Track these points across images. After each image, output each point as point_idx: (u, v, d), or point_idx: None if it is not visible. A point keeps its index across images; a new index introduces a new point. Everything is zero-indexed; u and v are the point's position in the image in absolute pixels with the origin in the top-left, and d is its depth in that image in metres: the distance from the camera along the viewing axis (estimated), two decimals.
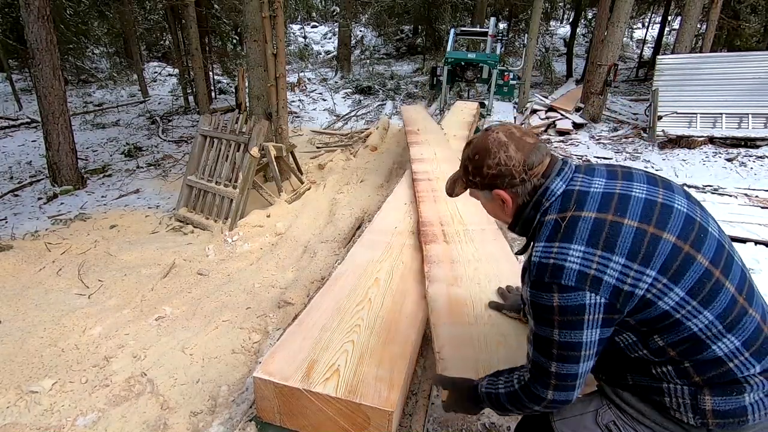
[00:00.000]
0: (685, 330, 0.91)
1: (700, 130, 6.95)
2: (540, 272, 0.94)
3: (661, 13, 14.79)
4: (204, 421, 2.03)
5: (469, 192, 1.18)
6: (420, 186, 3.19)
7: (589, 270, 0.90)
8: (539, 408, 1.05)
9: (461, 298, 1.81)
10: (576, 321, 0.92)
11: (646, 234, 0.90)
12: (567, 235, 0.94)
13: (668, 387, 0.98)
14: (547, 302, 0.94)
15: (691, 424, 0.96)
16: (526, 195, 1.05)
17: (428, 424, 1.66)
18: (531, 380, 1.04)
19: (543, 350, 0.99)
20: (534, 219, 1.05)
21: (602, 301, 0.90)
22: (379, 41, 18.34)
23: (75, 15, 10.67)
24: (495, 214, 1.17)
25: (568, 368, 0.97)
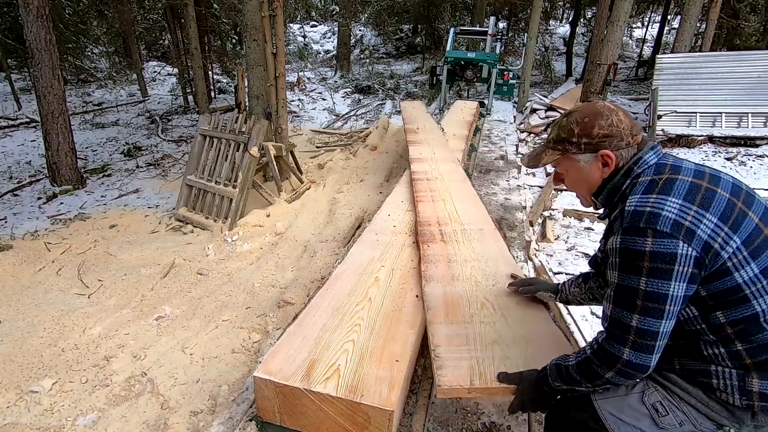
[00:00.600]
0: (749, 309, 0.95)
1: (700, 129, 6.95)
2: (635, 218, 0.97)
3: (660, 12, 14.79)
4: (204, 421, 2.03)
5: (560, 161, 1.18)
6: (418, 186, 3.19)
7: (684, 221, 0.93)
8: (610, 374, 1.03)
9: (458, 297, 1.81)
10: (666, 270, 0.93)
11: (736, 206, 0.97)
12: (665, 189, 0.99)
13: (716, 369, 1.01)
14: (639, 247, 0.95)
15: (737, 406, 0.99)
16: (625, 159, 1.10)
17: (428, 424, 1.66)
18: (607, 338, 1.03)
19: (625, 302, 0.99)
20: (622, 185, 1.09)
21: (693, 253, 0.92)
22: (379, 40, 18.33)
23: (74, 14, 10.66)
24: (583, 181, 1.17)
25: (650, 323, 0.96)
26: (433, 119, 5.71)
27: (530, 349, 1.47)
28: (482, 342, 1.52)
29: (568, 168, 1.19)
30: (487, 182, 4.37)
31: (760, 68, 6.93)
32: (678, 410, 1.06)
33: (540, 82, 13.25)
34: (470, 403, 1.89)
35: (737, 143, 6.59)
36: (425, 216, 2.65)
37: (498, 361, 1.42)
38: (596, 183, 1.15)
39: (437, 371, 1.38)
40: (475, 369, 1.39)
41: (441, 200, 2.91)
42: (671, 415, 1.06)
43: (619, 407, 1.11)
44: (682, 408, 1.06)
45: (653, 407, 1.08)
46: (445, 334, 1.57)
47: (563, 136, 1.14)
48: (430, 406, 1.70)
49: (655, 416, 1.07)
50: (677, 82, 7.30)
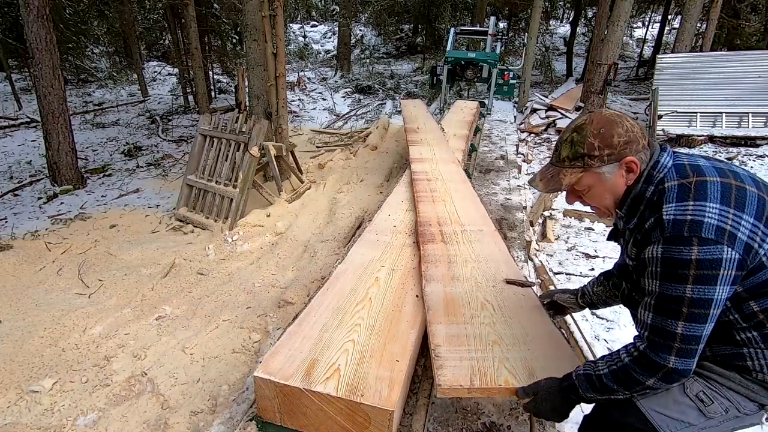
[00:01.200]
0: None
1: (700, 129, 6.94)
2: (677, 227, 0.96)
3: (661, 12, 14.79)
4: (204, 421, 2.03)
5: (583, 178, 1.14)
6: (419, 186, 3.19)
7: (725, 225, 0.94)
8: (651, 381, 1.02)
9: (458, 297, 1.81)
10: (712, 276, 0.94)
11: (765, 201, 1.00)
12: (700, 194, 0.99)
13: (749, 351, 1.03)
14: (685, 256, 0.95)
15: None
16: (644, 163, 1.09)
17: (429, 424, 1.66)
18: (649, 347, 1.02)
19: (670, 311, 0.98)
20: (645, 192, 1.08)
21: (737, 256, 0.94)
22: (379, 40, 18.33)
23: (74, 14, 10.66)
24: (608, 193, 1.14)
25: (696, 329, 0.97)
26: (434, 119, 5.71)
27: (530, 351, 1.48)
28: (482, 342, 1.52)
29: (591, 184, 1.14)
30: (487, 182, 4.37)
31: (760, 68, 6.93)
32: (721, 397, 1.07)
33: (540, 82, 13.25)
34: (470, 403, 1.89)
35: (737, 143, 6.59)
36: (426, 216, 2.65)
37: (498, 362, 1.42)
38: (621, 192, 1.13)
39: (437, 371, 1.38)
40: (475, 369, 1.39)
41: (441, 201, 2.91)
42: (716, 403, 1.07)
43: (663, 403, 1.10)
44: (724, 394, 1.07)
45: (697, 397, 1.08)
46: (446, 334, 1.57)
47: (582, 152, 1.10)
48: (430, 406, 1.70)
49: (701, 406, 1.07)
50: (678, 82, 7.29)
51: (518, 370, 1.38)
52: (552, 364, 1.40)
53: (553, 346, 1.49)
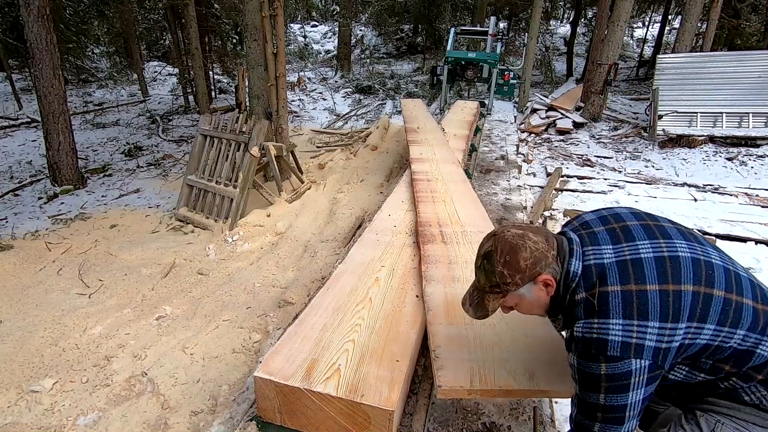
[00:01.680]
0: (727, 350, 1.01)
1: (701, 129, 6.94)
2: (585, 346, 1.02)
3: (661, 12, 14.78)
4: (205, 421, 2.03)
5: (506, 300, 1.17)
6: (419, 186, 3.19)
7: (630, 339, 0.97)
8: None
9: (458, 298, 1.81)
10: (622, 385, 0.99)
11: (669, 294, 0.99)
12: (603, 310, 1.01)
13: (742, 388, 1.06)
14: (594, 371, 1.01)
15: None
16: (557, 273, 1.10)
17: (429, 424, 1.66)
18: None
19: (587, 413, 1.06)
20: (565, 300, 1.11)
21: (646, 363, 0.97)
22: (379, 40, 18.32)
23: (75, 14, 10.67)
24: (537, 308, 1.17)
25: (612, 429, 1.04)
26: (434, 119, 5.71)
27: (530, 353, 1.48)
28: (483, 344, 1.52)
29: (516, 302, 1.17)
30: (487, 182, 4.37)
31: (760, 68, 6.93)
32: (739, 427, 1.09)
33: (540, 82, 13.24)
34: (470, 403, 1.89)
35: (738, 143, 6.58)
36: (426, 216, 2.65)
37: (498, 364, 1.42)
38: (547, 303, 1.15)
39: (437, 372, 1.38)
40: (475, 371, 1.39)
41: (441, 201, 2.91)
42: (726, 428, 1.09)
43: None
44: (740, 424, 1.09)
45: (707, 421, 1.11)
46: (446, 335, 1.57)
47: (496, 281, 1.12)
48: (431, 406, 1.70)
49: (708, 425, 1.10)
50: (678, 82, 7.29)
51: (518, 372, 1.38)
52: (552, 368, 1.40)
53: (553, 349, 1.49)
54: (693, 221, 3.90)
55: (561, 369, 1.38)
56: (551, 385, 1.34)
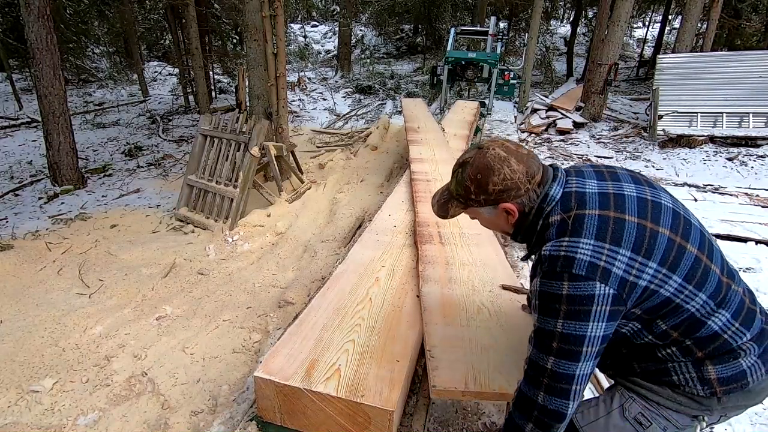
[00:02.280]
0: (684, 312, 0.98)
1: (701, 129, 6.94)
2: (551, 263, 0.97)
3: (661, 12, 14.77)
4: (205, 421, 2.03)
5: (467, 212, 1.18)
6: (418, 186, 3.19)
7: (599, 261, 0.93)
8: (530, 424, 1.01)
9: (455, 299, 1.81)
10: (583, 311, 0.93)
11: (646, 229, 0.97)
12: (576, 230, 0.98)
13: (673, 366, 1.03)
14: (556, 290, 0.95)
15: (702, 395, 1.02)
16: (529, 204, 1.08)
17: (429, 424, 1.66)
18: (524, 382, 1.03)
19: (543, 345, 0.99)
20: (537, 225, 1.08)
21: (611, 291, 0.93)
22: (380, 40, 18.32)
23: (75, 14, 10.67)
24: (495, 227, 1.19)
25: (566, 366, 0.96)
26: (434, 119, 5.71)
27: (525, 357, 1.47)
28: (478, 346, 1.52)
29: (476, 216, 1.18)
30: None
31: (761, 68, 6.93)
32: (659, 416, 1.07)
33: (541, 82, 13.24)
34: (471, 403, 1.89)
35: (738, 143, 6.58)
36: (424, 217, 2.65)
37: (493, 366, 1.42)
38: (506, 229, 1.16)
39: (432, 372, 1.38)
40: (470, 372, 1.39)
41: None
42: (654, 424, 1.07)
43: (604, 430, 1.12)
44: (661, 413, 1.07)
45: (636, 420, 1.08)
46: (442, 336, 1.57)
47: (461, 192, 1.12)
48: (431, 406, 1.70)
49: (641, 429, 1.08)
50: (678, 82, 7.29)
51: (513, 376, 1.38)
52: None
53: None
54: None
55: None
56: None
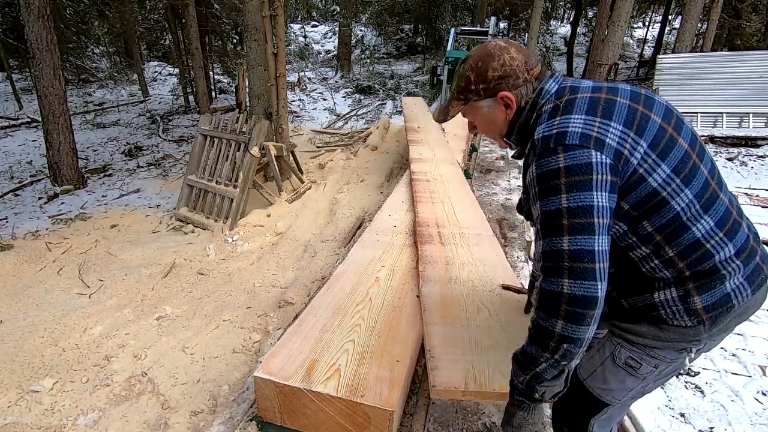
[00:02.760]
0: (670, 211, 0.96)
1: (701, 129, 6.94)
2: (545, 142, 0.96)
3: (661, 12, 14.77)
4: (205, 421, 2.03)
5: (466, 111, 1.17)
6: (418, 186, 3.19)
7: (591, 132, 0.93)
8: (560, 326, 0.93)
9: (455, 299, 1.81)
10: (584, 181, 0.91)
11: (638, 111, 0.97)
12: (566, 110, 0.99)
13: (660, 298, 1.02)
14: (553, 165, 0.93)
15: (690, 326, 1.02)
16: (527, 96, 1.08)
17: (429, 424, 1.66)
18: (544, 278, 0.96)
19: (552, 228, 0.94)
20: (530, 120, 1.09)
21: (608, 160, 0.91)
22: (380, 40, 18.32)
23: (75, 14, 10.68)
24: (492, 125, 1.17)
25: (582, 242, 0.90)
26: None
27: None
28: (478, 346, 1.52)
29: (474, 115, 1.18)
30: (487, 182, 4.37)
31: (761, 69, 6.93)
32: (647, 356, 1.08)
33: None
34: (471, 404, 1.89)
35: (738, 143, 6.58)
36: (424, 217, 2.65)
37: (492, 366, 1.42)
38: (503, 125, 1.15)
39: (432, 372, 1.38)
40: (470, 372, 1.38)
41: (440, 202, 2.91)
42: (645, 365, 1.08)
43: (602, 378, 1.14)
44: (648, 353, 1.08)
45: (626, 364, 1.10)
46: (441, 336, 1.57)
47: (462, 86, 1.12)
48: (431, 407, 1.70)
49: (633, 372, 1.10)
50: (678, 82, 7.30)
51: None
52: None
53: None
54: None
55: None
56: None
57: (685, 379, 2.17)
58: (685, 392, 2.08)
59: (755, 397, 2.04)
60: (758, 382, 2.13)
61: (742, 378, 2.16)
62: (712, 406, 2.01)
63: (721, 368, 2.23)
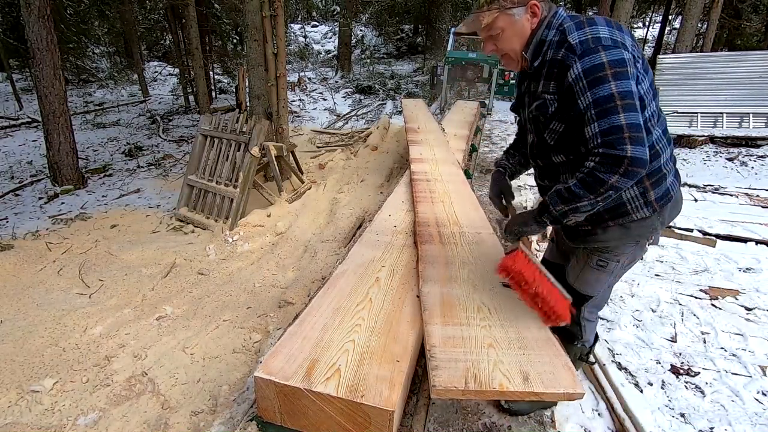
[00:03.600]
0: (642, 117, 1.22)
1: (701, 129, 6.95)
2: (584, 44, 1.22)
3: (661, 12, 14.77)
4: (205, 421, 2.04)
5: (497, 19, 1.34)
6: (418, 186, 3.19)
7: (615, 37, 1.22)
8: (614, 179, 1.17)
9: (455, 299, 1.81)
10: (623, 72, 1.18)
11: (635, 40, 1.30)
12: (592, 22, 1.26)
13: (627, 198, 1.37)
14: (598, 61, 1.19)
15: (647, 216, 1.40)
16: (545, 11, 1.34)
17: (429, 424, 1.66)
18: (607, 147, 1.17)
19: (609, 109, 1.17)
20: (547, 36, 1.32)
21: (630, 55, 1.21)
22: (380, 41, 18.33)
23: (75, 14, 10.68)
24: (518, 35, 1.36)
25: (634, 117, 1.16)
26: (434, 119, 5.71)
27: (526, 355, 1.47)
28: (478, 345, 1.52)
29: (504, 26, 1.35)
30: (488, 182, 4.37)
31: (761, 69, 6.93)
32: (613, 255, 1.49)
33: None
34: (471, 404, 1.89)
35: (738, 143, 6.58)
36: (424, 217, 2.65)
37: (493, 365, 1.42)
38: (527, 34, 1.35)
39: (432, 371, 1.38)
40: (470, 371, 1.38)
41: (440, 202, 2.91)
42: (611, 263, 1.50)
43: (584, 279, 1.56)
44: (613, 253, 1.48)
45: (598, 266, 1.52)
46: (441, 335, 1.57)
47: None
48: (431, 407, 1.70)
49: (601, 269, 1.52)
50: (678, 82, 7.30)
51: (513, 374, 1.38)
52: (546, 369, 1.40)
53: (548, 352, 1.49)
54: (693, 221, 3.89)
55: (556, 373, 1.39)
56: (545, 388, 1.34)
57: (685, 379, 2.17)
58: (685, 392, 2.08)
59: (755, 398, 2.04)
60: (758, 382, 2.13)
61: (743, 378, 2.16)
62: (712, 406, 2.00)
63: (721, 368, 2.23)
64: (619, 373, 2.19)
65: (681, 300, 2.81)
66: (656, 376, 2.18)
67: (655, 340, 2.43)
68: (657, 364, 2.26)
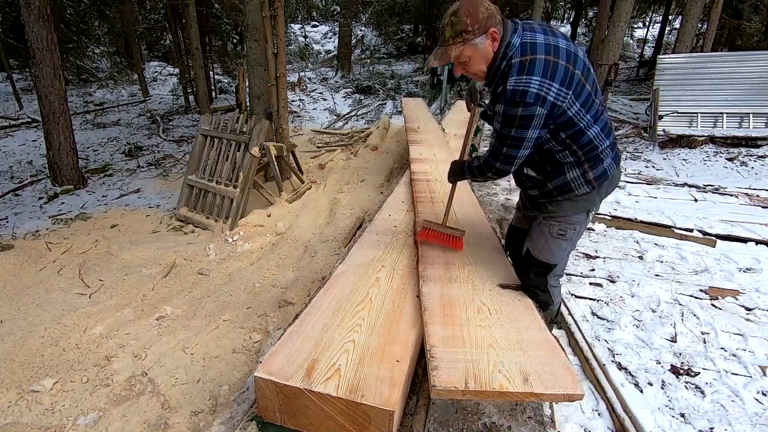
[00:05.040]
0: (576, 126, 1.56)
1: (701, 129, 6.94)
2: (513, 95, 1.47)
3: (661, 12, 14.77)
4: (205, 421, 2.04)
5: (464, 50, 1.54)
6: (418, 186, 3.19)
7: (541, 92, 1.45)
8: (489, 173, 1.75)
9: (455, 299, 1.81)
10: (528, 124, 1.50)
11: (569, 70, 1.49)
12: (530, 70, 1.46)
13: (570, 177, 1.67)
14: (512, 113, 1.50)
15: (587, 192, 1.69)
16: (503, 31, 1.52)
17: (429, 424, 1.66)
18: (489, 155, 1.71)
19: (501, 141, 1.59)
20: (501, 65, 1.54)
21: (545, 112, 1.48)
22: (380, 41, 18.32)
23: (75, 14, 10.68)
24: (484, 58, 1.56)
25: (513, 152, 1.60)
26: (434, 118, 5.70)
27: (525, 356, 1.47)
28: (478, 345, 1.52)
29: (470, 54, 1.55)
30: (487, 182, 4.37)
31: (761, 69, 6.93)
32: (569, 224, 1.76)
33: None
34: (471, 404, 1.89)
35: (738, 144, 6.58)
36: (424, 217, 2.64)
37: (492, 365, 1.42)
38: (491, 55, 1.56)
39: (432, 372, 1.38)
40: (470, 371, 1.39)
41: (441, 202, 2.91)
42: (569, 231, 1.77)
43: (547, 249, 1.82)
44: (569, 221, 1.76)
45: (558, 234, 1.78)
46: (441, 336, 1.57)
47: (461, 29, 1.50)
48: (431, 407, 1.70)
49: (562, 238, 1.79)
50: (678, 82, 7.30)
51: (512, 374, 1.38)
52: (546, 370, 1.40)
53: (547, 352, 1.49)
54: (693, 221, 3.89)
55: (556, 373, 1.39)
56: (545, 389, 1.34)
57: (685, 379, 2.17)
58: (685, 392, 2.08)
59: (755, 398, 2.04)
60: (758, 382, 2.12)
61: (743, 378, 2.16)
62: (712, 406, 2.00)
63: (721, 368, 2.23)
64: (619, 373, 2.19)
65: (681, 300, 2.81)
66: (656, 376, 2.18)
67: (655, 340, 2.43)
68: (657, 364, 2.26)
